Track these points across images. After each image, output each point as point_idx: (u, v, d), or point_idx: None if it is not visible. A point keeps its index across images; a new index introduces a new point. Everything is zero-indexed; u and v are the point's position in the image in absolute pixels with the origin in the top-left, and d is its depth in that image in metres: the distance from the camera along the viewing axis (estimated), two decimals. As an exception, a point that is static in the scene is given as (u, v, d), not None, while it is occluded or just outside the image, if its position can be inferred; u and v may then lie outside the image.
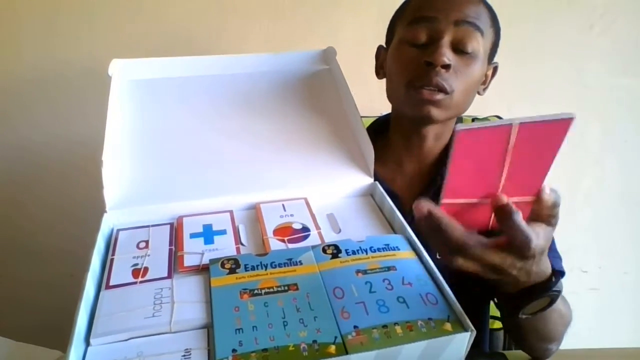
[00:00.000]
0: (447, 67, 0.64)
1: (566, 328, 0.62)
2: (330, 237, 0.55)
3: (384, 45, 0.78)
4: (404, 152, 0.76)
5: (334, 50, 0.76)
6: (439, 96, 0.65)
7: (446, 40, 0.65)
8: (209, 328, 0.43)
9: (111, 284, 0.48)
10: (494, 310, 0.78)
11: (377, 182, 0.63)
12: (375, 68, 0.79)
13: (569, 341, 0.63)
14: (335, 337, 0.41)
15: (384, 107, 0.80)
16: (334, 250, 0.51)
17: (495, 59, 0.74)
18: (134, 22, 1.08)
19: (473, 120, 0.92)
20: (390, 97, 0.74)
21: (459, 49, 0.65)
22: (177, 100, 0.70)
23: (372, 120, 0.84)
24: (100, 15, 1.07)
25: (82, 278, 0.46)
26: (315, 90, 0.74)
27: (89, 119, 1.12)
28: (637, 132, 1.16)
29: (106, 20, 1.08)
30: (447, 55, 0.64)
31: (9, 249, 1.23)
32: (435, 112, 0.67)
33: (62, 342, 0.49)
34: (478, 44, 0.66)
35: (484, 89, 0.74)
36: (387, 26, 0.77)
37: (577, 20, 1.10)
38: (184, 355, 0.40)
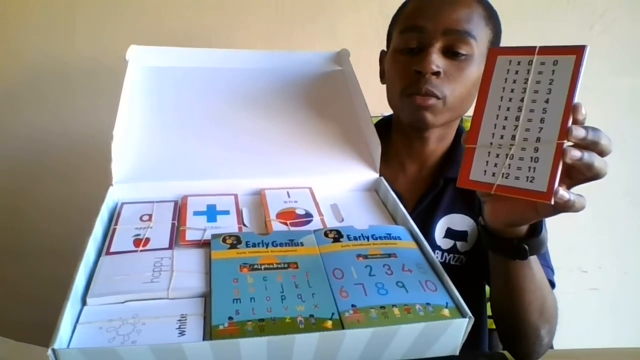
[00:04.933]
0: (436, 74, 0.65)
1: (555, 310, 0.61)
2: (332, 225, 0.55)
3: (386, 50, 0.79)
4: (406, 153, 0.77)
5: (348, 52, 0.78)
6: (432, 101, 0.66)
7: (435, 47, 0.65)
8: (206, 297, 0.43)
9: (112, 250, 0.48)
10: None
11: (382, 178, 0.63)
12: (380, 72, 0.80)
13: (570, 341, 0.62)
14: (333, 314, 0.41)
15: (384, 108, 0.81)
16: (336, 235, 0.51)
17: None
18: (138, 18, 1.09)
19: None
20: (389, 102, 0.75)
21: (450, 54, 0.66)
22: (191, 89, 0.71)
23: (372, 120, 0.85)
24: (101, 11, 1.08)
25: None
26: (327, 89, 0.75)
27: (92, 112, 1.12)
28: (637, 132, 1.16)
29: (109, 15, 1.08)
30: (436, 63, 0.64)
31: (10, 248, 1.22)
32: (429, 117, 0.67)
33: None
34: (471, 48, 0.66)
35: None
36: (386, 25, 0.78)
37: (577, 20, 1.10)
38: (180, 320, 0.40)
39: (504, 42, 0.72)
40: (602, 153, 0.43)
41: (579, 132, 0.41)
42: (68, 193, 1.17)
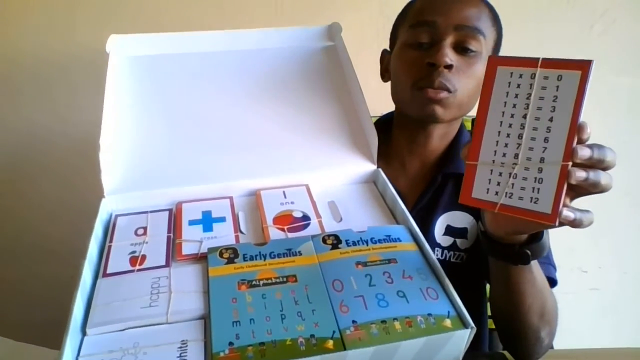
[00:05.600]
0: (449, 67, 0.64)
1: (555, 311, 0.61)
2: (330, 226, 0.55)
3: (388, 49, 0.77)
4: (408, 151, 0.75)
5: (339, 26, 0.74)
6: (443, 94, 0.65)
7: (447, 42, 0.64)
8: (205, 319, 0.43)
9: (108, 272, 0.47)
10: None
11: (380, 169, 0.62)
12: (381, 71, 0.78)
13: (570, 341, 0.62)
14: (334, 332, 0.41)
15: (384, 108, 0.79)
16: (334, 241, 0.50)
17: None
18: (137, 18, 1.05)
19: (473, 120, 0.89)
20: (395, 98, 0.74)
21: (460, 49, 0.65)
22: (177, 78, 0.68)
23: (372, 119, 0.83)
24: (101, 11, 1.04)
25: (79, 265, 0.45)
26: (319, 68, 0.72)
27: (92, 110, 1.08)
28: (637, 132, 1.15)
29: (109, 15, 1.04)
30: (449, 56, 0.63)
31: (9, 247, 1.21)
32: (440, 111, 0.66)
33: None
34: (480, 45, 0.65)
35: None
36: (386, 25, 0.76)
37: (577, 20, 1.08)
38: (180, 347, 0.40)
39: (505, 41, 0.71)
40: (607, 168, 0.42)
41: (584, 153, 0.40)
42: (66, 193, 1.15)
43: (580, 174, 0.40)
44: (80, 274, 0.44)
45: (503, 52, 0.72)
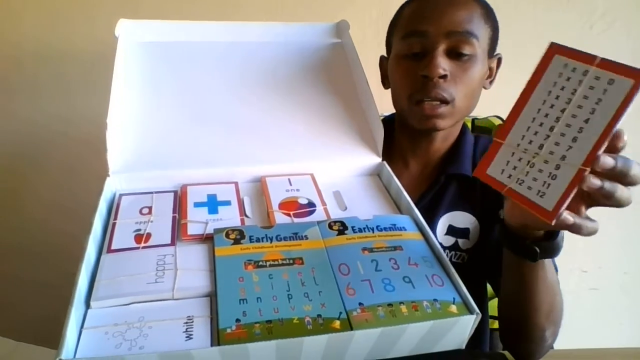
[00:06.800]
0: (443, 77, 0.64)
1: (561, 312, 0.61)
2: (336, 214, 0.55)
3: (385, 55, 0.78)
4: (410, 152, 0.76)
5: (347, 24, 0.75)
6: (442, 108, 0.65)
7: (440, 50, 0.64)
8: (212, 297, 0.42)
9: (113, 248, 0.47)
10: (494, 310, 0.78)
11: (384, 162, 0.62)
12: (381, 78, 0.79)
13: (569, 341, 0.63)
14: (340, 313, 0.41)
15: (384, 108, 0.79)
16: (340, 227, 0.50)
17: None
18: (135, 17, 1.05)
19: (473, 120, 0.90)
20: (395, 107, 0.74)
21: (454, 54, 0.65)
22: (186, 66, 0.68)
23: None
24: (99, 10, 1.03)
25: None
26: (326, 63, 0.72)
27: (93, 98, 1.08)
28: (637, 132, 1.15)
29: (107, 13, 1.03)
30: (442, 66, 0.63)
31: (9, 248, 1.19)
32: (440, 123, 0.67)
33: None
34: (474, 48, 0.65)
35: (491, 82, 0.73)
36: (386, 25, 0.76)
37: (577, 20, 1.09)
38: (186, 323, 0.40)
39: (504, 41, 0.72)
40: (630, 184, 0.41)
41: (606, 162, 0.39)
42: (70, 184, 1.13)
43: (594, 182, 0.40)
44: (84, 249, 0.44)
45: (503, 51, 0.73)
